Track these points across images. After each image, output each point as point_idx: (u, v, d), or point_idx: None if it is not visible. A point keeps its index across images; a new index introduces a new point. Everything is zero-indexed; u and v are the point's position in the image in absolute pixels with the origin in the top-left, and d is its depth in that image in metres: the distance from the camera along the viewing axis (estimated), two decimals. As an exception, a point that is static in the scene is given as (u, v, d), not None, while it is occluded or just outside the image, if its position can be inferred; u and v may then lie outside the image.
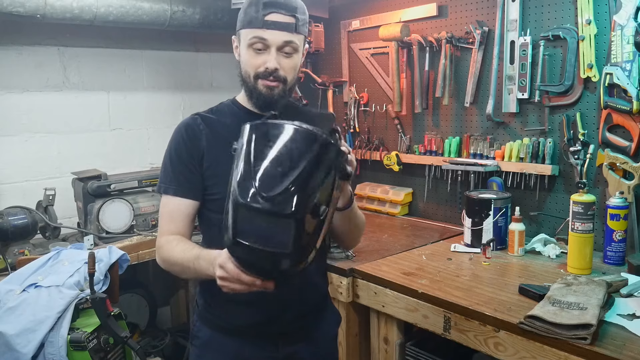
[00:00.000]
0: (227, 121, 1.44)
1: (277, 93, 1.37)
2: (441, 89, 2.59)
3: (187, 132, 1.42)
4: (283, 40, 1.34)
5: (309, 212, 1.06)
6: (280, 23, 1.33)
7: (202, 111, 1.47)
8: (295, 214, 1.03)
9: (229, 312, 1.43)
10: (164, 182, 1.42)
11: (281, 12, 1.33)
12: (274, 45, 1.33)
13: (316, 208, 1.07)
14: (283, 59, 1.35)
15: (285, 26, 1.33)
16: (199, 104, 2.99)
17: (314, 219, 1.08)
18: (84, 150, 2.82)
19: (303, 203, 1.04)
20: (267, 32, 1.32)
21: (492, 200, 2.17)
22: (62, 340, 1.81)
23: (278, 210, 1.02)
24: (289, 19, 1.34)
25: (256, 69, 1.36)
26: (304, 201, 1.04)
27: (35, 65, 2.65)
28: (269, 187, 1.04)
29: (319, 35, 3.05)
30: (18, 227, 2.22)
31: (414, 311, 1.81)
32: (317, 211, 1.07)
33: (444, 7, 2.63)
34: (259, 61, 1.35)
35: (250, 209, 1.04)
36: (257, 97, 1.38)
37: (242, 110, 1.46)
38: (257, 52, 1.35)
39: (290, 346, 1.45)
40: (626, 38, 1.95)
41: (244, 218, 1.05)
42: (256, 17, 1.32)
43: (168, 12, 2.67)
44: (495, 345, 1.57)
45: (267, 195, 1.03)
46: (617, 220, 1.90)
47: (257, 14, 1.32)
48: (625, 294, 1.66)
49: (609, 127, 2.07)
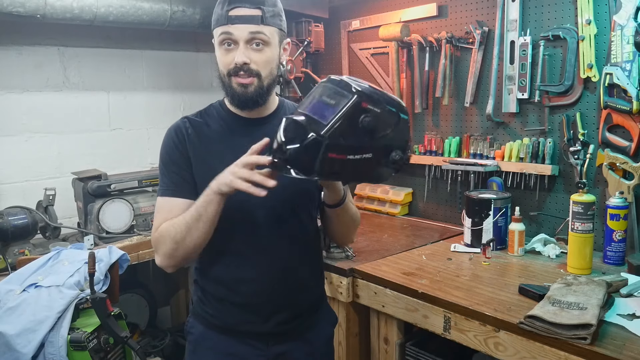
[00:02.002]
0: (212, 124, 1.43)
1: (251, 91, 1.34)
2: (441, 89, 2.59)
3: (177, 135, 1.41)
4: (249, 32, 1.32)
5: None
6: (244, 17, 1.32)
7: (191, 114, 1.47)
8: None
9: (221, 310, 1.43)
10: (164, 186, 1.41)
11: (245, 5, 1.32)
12: (241, 40, 1.32)
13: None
14: (253, 52, 1.33)
15: (249, 19, 1.32)
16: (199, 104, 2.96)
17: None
18: (84, 150, 2.82)
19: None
20: (232, 27, 1.31)
21: (492, 200, 2.17)
22: (62, 340, 1.81)
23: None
24: (253, 11, 1.32)
25: (227, 67, 1.34)
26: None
27: (35, 65, 2.65)
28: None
29: (319, 35, 3.05)
30: (18, 227, 2.22)
31: (414, 311, 1.81)
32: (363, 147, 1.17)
33: (444, 7, 2.63)
34: (229, 58, 1.34)
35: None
36: (232, 96, 1.37)
37: (228, 113, 1.45)
38: (227, 50, 1.34)
39: (281, 345, 1.44)
40: (626, 38, 1.95)
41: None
42: (221, 14, 1.33)
43: (168, 12, 2.67)
44: (495, 345, 1.57)
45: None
46: (617, 220, 1.90)
47: (222, 11, 1.33)
48: (625, 294, 1.66)
49: (609, 127, 2.07)
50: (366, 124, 1.14)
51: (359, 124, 1.14)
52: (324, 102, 1.18)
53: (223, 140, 1.41)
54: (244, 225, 1.39)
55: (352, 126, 1.14)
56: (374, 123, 1.15)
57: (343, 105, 1.14)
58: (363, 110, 1.14)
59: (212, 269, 1.44)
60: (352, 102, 1.14)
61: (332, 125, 1.12)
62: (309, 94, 1.24)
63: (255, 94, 1.35)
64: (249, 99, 1.36)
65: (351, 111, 1.14)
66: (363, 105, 1.14)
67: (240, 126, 1.43)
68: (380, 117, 1.16)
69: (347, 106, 1.14)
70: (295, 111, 1.20)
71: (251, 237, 1.39)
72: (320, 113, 1.16)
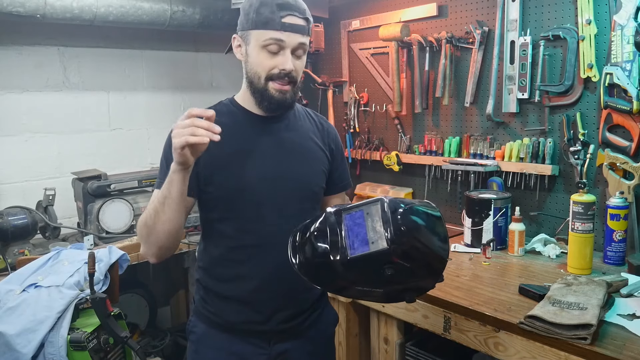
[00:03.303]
0: (224, 121, 1.43)
1: (288, 97, 1.38)
2: (441, 89, 2.59)
3: None
4: (298, 42, 1.34)
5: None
6: (297, 25, 1.33)
7: None
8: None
9: (223, 309, 1.44)
10: (159, 178, 1.41)
11: (295, 14, 1.33)
12: (289, 47, 1.33)
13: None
14: (295, 60, 1.36)
15: (300, 29, 1.34)
16: (199, 104, 2.98)
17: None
18: (84, 150, 2.82)
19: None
20: (285, 34, 1.32)
21: (492, 200, 2.17)
22: (62, 340, 1.81)
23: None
24: (302, 21, 1.35)
25: (269, 71, 1.35)
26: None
27: (35, 65, 2.65)
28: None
29: (319, 35, 3.05)
30: (18, 227, 2.22)
31: (414, 311, 1.81)
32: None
33: (444, 7, 2.63)
34: (273, 63, 1.34)
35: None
36: (268, 100, 1.37)
37: (241, 110, 1.45)
38: (271, 54, 1.34)
39: (283, 344, 1.45)
40: (626, 38, 1.95)
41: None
42: (272, 18, 1.31)
43: (168, 12, 2.67)
44: (495, 345, 1.57)
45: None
46: (617, 220, 1.89)
47: (274, 15, 1.31)
48: (625, 294, 1.66)
49: (609, 127, 2.07)
50: (387, 274, 1.09)
51: (380, 270, 1.09)
52: (363, 226, 1.12)
53: (238, 136, 1.42)
54: (247, 223, 1.39)
55: (372, 269, 1.10)
56: (396, 276, 1.10)
57: (373, 250, 1.08)
58: (389, 262, 1.09)
59: (215, 267, 1.44)
60: (381, 250, 1.08)
61: (352, 261, 1.09)
62: (365, 202, 1.18)
63: (291, 99, 1.39)
64: (287, 104, 1.39)
65: (376, 257, 1.08)
66: (393, 259, 1.08)
67: (255, 123, 1.43)
68: (405, 272, 1.10)
69: (374, 252, 1.08)
70: (342, 210, 1.16)
71: (255, 234, 1.40)
72: (354, 237, 1.11)
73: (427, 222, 1.14)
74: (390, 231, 1.07)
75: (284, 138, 1.44)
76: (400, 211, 1.10)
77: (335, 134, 1.58)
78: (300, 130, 1.48)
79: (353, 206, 1.17)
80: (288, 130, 1.46)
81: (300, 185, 1.43)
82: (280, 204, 1.39)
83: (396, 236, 1.07)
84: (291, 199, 1.41)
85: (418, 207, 1.15)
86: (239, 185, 1.38)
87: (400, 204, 1.13)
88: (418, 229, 1.11)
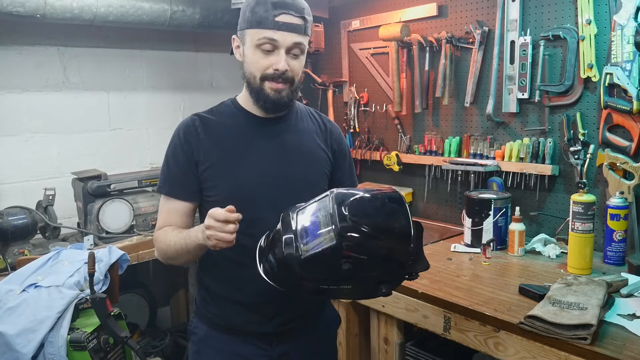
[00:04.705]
0: (225, 122, 1.43)
1: (285, 95, 1.36)
2: (441, 89, 2.59)
3: (184, 135, 1.41)
4: (293, 42, 1.32)
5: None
6: (291, 24, 1.31)
7: (202, 111, 1.46)
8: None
9: (225, 310, 1.44)
10: (161, 182, 1.44)
11: (291, 13, 1.31)
12: (283, 47, 1.32)
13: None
14: (291, 60, 1.34)
15: (295, 27, 1.32)
16: (199, 104, 2.99)
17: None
18: (84, 150, 2.82)
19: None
20: (278, 33, 1.30)
21: (492, 200, 2.17)
22: (62, 340, 1.81)
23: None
24: (298, 20, 1.32)
25: (263, 71, 1.34)
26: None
27: (35, 65, 2.65)
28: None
29: (319, 35, 3.05)
30: (18, 227, 2.22)
31: (414, 311, 1.81)
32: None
33: (444, 7, 2.63)
34: (267, 62, 1.33)
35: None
36: (264, 99, 1.36)
37: (242, 111, 1.45)
38: (265, 53, 1.33)
39: (285, 345, 1.45)
40: (626, 38, 1.95)
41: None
42: (266, 17, 1.29)
43: (168, 12, 2.67)
44: (495, 345, 1.57)
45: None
46: (617, 220, 1.89)
47: (267, 14, 1.29)
48: (625, 294, 1.66)
49: (609, 127, 2.07)
50: (345, 268, 1.05)
51: (338, 266, 1.05)
52: (316, 223, 1.09)
53: (239, 138, 1.42)
54: (250, 225, 1.39)
55: (329, 266, 1.06)
56: (355, 269, 1.05)
57: (323, 246, 1.04)
58: (343, 257, 1.04)
59: (217, 268, 1.44)
60: (331, 246, 1.03)
61: (307, 260, 1.05)
62: (316, 199, 1.15)
63: (288, 99, 1.38)
64: (283, 104, 1.38)
65: (329, 254, 1.04)
66: (345, 253, 1.04)
67: (256, 125, 1.43)
68: (363, 264, 1.06)
69: (325, 248, 1.04)
70: (294, 209, 1.18)
71: (256, 236, 1.40)
72: (306, 233, 1.08)
73: (380, 210, 1.09)
74: (337, 225, 1.04)
75: (286, 140, 1.44)
76: (348, 202, 1.07)
77: (339, 134, 1.57)
78: (302, 131, 1.48)
79: (309, 203, 1.15)
80: (289, 132, 1.45)
81: (301, 186, 1.42)
82: (281, 205, 1.39)
83: (342, 229, 1.03)
84: (292, 200, 1.40)
85: (369, 194, 1.11)
86: (240, 188, 1.38)
87: (350, 195, 1.10)
88: (368, 218, 1.06)
